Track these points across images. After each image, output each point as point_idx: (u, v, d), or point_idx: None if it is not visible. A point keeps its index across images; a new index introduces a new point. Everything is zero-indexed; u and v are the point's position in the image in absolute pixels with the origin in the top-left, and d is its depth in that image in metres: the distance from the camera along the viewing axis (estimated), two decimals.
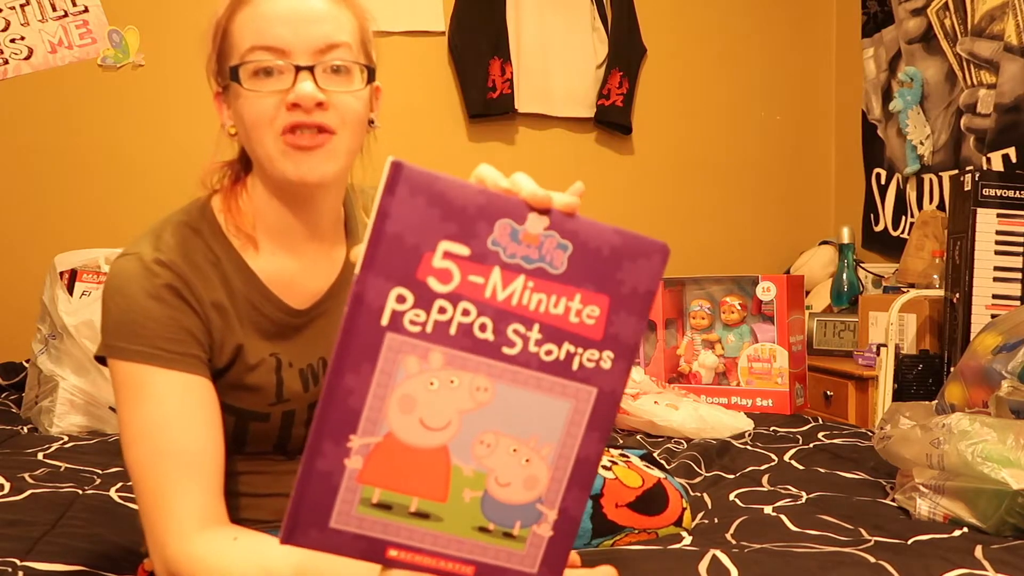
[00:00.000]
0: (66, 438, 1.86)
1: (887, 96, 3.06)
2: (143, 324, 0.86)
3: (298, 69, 0.87)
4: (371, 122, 0.97)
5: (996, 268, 2.17)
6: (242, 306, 0.94)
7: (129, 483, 1.47)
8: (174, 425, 0.86)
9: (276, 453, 1.00)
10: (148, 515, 0.86)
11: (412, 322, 0.59)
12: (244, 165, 0.99)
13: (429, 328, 0.59)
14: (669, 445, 1.84)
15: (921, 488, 1.28)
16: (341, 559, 0.61)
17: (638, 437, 1.95)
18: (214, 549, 0.82)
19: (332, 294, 1.01)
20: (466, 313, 0.60)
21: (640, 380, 2.17)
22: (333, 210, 1.00)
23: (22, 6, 2.59)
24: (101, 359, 0.91)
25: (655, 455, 1.43)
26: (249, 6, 0.89)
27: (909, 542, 1.16)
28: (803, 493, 1.43)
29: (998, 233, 2.17)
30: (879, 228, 3.13)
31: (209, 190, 0.98)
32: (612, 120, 3.11)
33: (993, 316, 2.06)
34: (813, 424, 2.04)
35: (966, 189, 2.21)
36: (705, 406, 2.05)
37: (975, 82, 2.65)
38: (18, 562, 1.09)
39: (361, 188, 1.08)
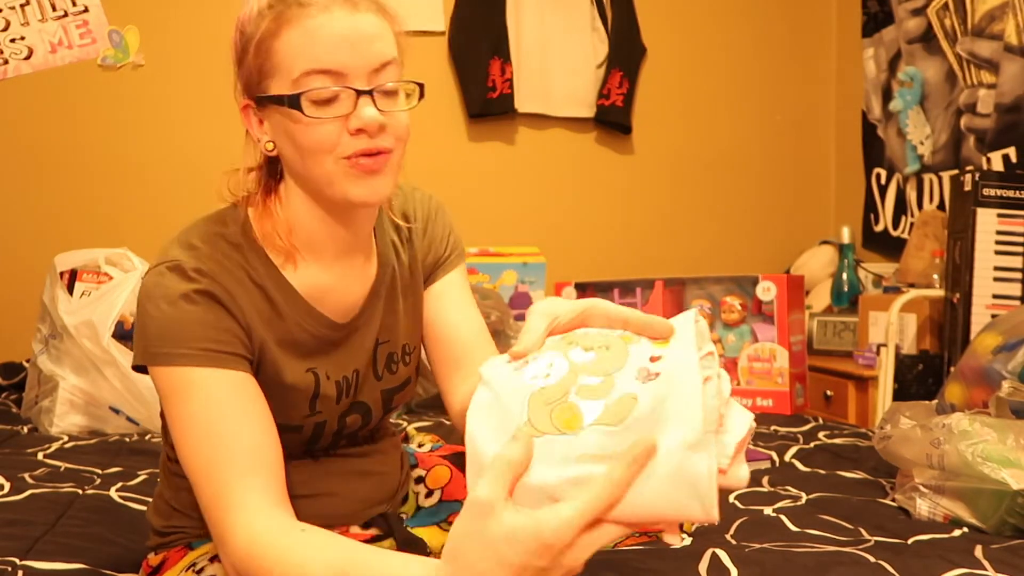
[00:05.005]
0: (66, 438, 1.86)
1: (887, 96, 3.06)
2: (186, 328, 0.85)
3: (359, 94, 0.86)
4: None
5: (996, 268, 2.17)
6: (282, 323, 0.93)
7: (129, 483, 1.48)
8: (229, 422, 0.84)
9: (304, 457, 1.01)
10: (211, 513, 0.83)
11: None
12: (270, 173, 0.97)
13: None
14: None
15: (921, 488, 1.28)
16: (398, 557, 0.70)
17: None
18: (283, 543, 0.78)
19: (366, 308, 1.01)
20: None
21: None
22: (370, 224, 1.00)
23: (22, 6, 2.58)
24: (141, 368, 0.89)
25: None
26: (298, 26, 0.85)
27: (909, 542, 1.16)
28: (803, 493, 1.43)
29: (998, 233, 2.17)
30: (879, 228, 3.13)
31: (231, 200, 0.96)
32: (612, 120, 3.11)
33: (993, 316, 2.06)
34: (813, 424, 2.04)
35: (966, 189, 2.20)
36: None
37: (975, 82, 2.65)
38: (18, 561, 1.09)
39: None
